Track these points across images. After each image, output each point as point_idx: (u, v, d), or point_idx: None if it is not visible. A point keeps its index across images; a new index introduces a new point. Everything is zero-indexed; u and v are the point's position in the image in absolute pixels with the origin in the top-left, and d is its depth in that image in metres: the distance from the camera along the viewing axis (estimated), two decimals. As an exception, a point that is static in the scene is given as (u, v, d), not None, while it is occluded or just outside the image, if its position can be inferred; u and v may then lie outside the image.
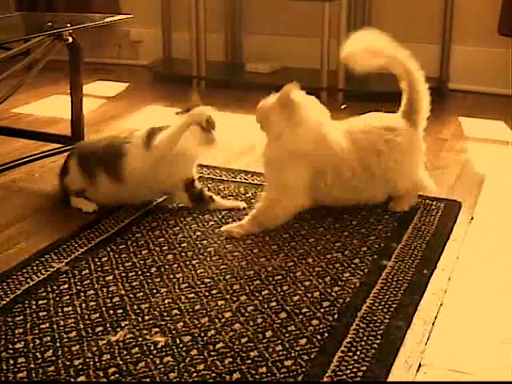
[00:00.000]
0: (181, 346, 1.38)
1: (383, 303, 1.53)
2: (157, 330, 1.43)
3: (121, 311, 1.51)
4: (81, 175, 2.03)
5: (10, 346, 1.38)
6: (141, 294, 1.58)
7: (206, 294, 1.57)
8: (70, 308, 1.52)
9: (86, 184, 2.03)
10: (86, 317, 1.48)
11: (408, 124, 2.01)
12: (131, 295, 1.57)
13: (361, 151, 1.94)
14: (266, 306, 1.52)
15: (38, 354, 1.36)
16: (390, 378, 1.30)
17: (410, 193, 2.04)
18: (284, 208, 1.92)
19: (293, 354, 1.35)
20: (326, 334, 1.41)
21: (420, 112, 2.03)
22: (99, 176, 1.99)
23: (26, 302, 1.55)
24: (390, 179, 1.98)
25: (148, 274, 1.67)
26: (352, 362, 1.32)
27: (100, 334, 1.42)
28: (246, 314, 1.49)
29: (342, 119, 2.06)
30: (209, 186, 2.22)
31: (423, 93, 2.03)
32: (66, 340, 1.40)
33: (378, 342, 1.39)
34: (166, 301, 1.55)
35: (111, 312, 1.50)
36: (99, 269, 1.70)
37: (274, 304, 1.53)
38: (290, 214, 1.94)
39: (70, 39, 2.16)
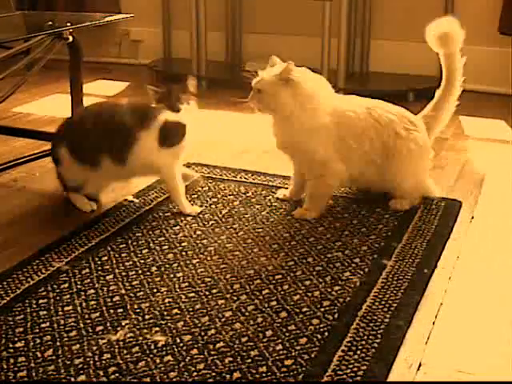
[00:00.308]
0: (181, 345, 1.38)
1: (383, 302, 1.53)
2: (157, 329, 1.43)
3: (121, 310, 1.51)
4: (77, 167, 1.97)
5: (11, 345, 1.38)
6: (141, 293, 1.58)
7: (207, 293, 1.57)
8: (71, 307, 1.52)
9: (84, 175, 1.98)
10: (87, 316, 1.48)
11: (426, 128, 2.05)
12: (131, 294, 1.57)
13: (379, 124, 1.96)
14: (266, 305, 1.52)
15: (38, 353, 1.36)
16: (391, 378, 1.29)
17: (412, 193, 2.03)
18: (331, 177, 1.96)
19: (293, 354, 1.35)
20: (327, 334, 1.41)
21: (439, 122, 2.09)
22: (102, 163, 1.93)
23: (27, 301, 1.55)
24: (400, 167, 1.98)
25: (148, 273, 1.67)
26: (352, 362, 1.32)
27: (100, 333, 1.42)
28: (247, 314, 1.49)
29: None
30: (209, 185, 2.22)
31: (452, 107, 2.09)
32: (66, 339, 1.40)
33: (378, 341, 1.39)
34: (167, 300, 1.55)
35: (111, 311, 1.50)
36: (99, 268, 1.69)
37: (274, 303, 1.53)
38: (340, 179, 1.99)
39: (71, 38, 2.16)
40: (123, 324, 1.45)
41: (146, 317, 1.48)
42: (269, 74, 1.91)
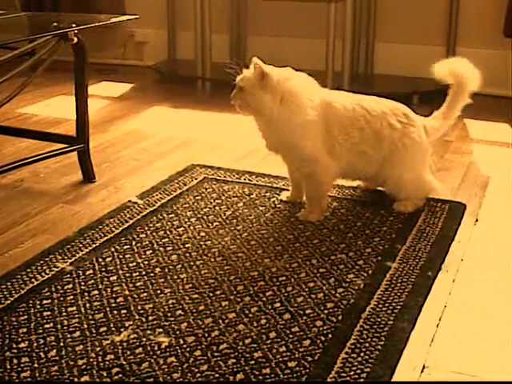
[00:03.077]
0: (184, 346, 1.38)
1: (387, 305, 1.53)
2: (161, 330, 1.43)
3: (125, 311, 1.51)
4: None
5: (14, 346, 1.39)
6: (145, 294, 1.58)
7: (210, 294, 1.57)
8: (74, 308, 1.52)
9: None
10: (90, 317, 1.49)
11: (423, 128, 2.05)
12: (135, 295, 1.57)
13: (371, 115, 1.96)
14: (269, 306, 1.52)
15: (41, 353, 1.36)
16: (394, 380, 1.29)
17: (412, 189, 2.02)
18: (322, 173, 1.95)
19: (296, 355, 1.35)
20: (330, 336, 1.41)
21: (438, 132, 2.11)
22: None
23: (31, 301, 1.55)
24: (397, 163, 1.98)
25: (152, 274, 1.67)
26: (356, 364, 1.32)
27: (104, 334, 1.43)
28: (250, 315, 1.49)
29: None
30: (213, 186, 2.22)
31: (450, 123, 2.11)
32: (69, 340, 1.40)
33: (381, 343, 1.38)
34: (170, 301, 1.55)
35: (115, 312, 1.50)
36: (103, 269, 1.70)
37: (277, 305, 1.53)
38: (332, 175, 1.98)
39: (76, 39, 2.16)
40: (127, 325, 1.45)
41: (150, 318, 1.48)
42: (249, 72, 1.92)
